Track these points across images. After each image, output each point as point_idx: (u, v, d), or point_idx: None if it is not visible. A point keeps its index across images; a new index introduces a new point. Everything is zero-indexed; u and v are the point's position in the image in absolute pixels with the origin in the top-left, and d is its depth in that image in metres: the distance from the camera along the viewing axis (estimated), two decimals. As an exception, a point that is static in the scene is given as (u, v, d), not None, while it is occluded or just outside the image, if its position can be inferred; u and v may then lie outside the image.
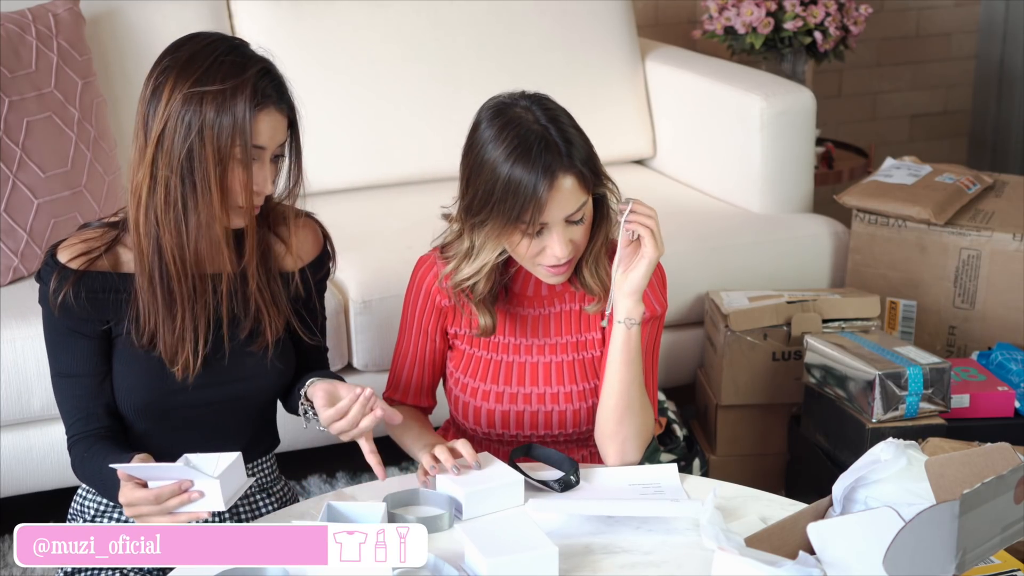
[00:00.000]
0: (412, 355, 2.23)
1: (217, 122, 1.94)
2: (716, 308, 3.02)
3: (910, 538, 1.58)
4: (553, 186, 1.99)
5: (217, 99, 1.94)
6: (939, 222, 3.11)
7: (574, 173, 2.01)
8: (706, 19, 3.88)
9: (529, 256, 2.05)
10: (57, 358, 2.06)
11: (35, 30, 2.95)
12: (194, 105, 1.94)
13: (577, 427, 2.18)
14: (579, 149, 2.02)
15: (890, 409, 2.67)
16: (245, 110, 1.95)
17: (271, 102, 1.98)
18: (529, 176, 1.98)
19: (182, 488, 1.84)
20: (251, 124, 1.96)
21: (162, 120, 1.96)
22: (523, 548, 1.77)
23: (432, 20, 3.48)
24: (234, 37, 2.05)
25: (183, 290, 2.01)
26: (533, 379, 2.18)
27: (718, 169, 3.48)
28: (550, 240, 2.03)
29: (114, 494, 1.97)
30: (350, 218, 3.20)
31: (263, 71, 1.99)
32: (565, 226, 2.03)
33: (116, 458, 1.98)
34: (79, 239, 2.04)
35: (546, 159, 1.99)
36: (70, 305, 2.00)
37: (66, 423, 2.09)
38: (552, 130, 2.01)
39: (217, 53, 1.97)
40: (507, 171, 1.99)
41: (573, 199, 2.01)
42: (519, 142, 1.99)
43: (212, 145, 1.95)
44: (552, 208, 2.00)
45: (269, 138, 1.99)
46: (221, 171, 1.96)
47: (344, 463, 3.12)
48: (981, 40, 4.74)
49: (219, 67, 1.96)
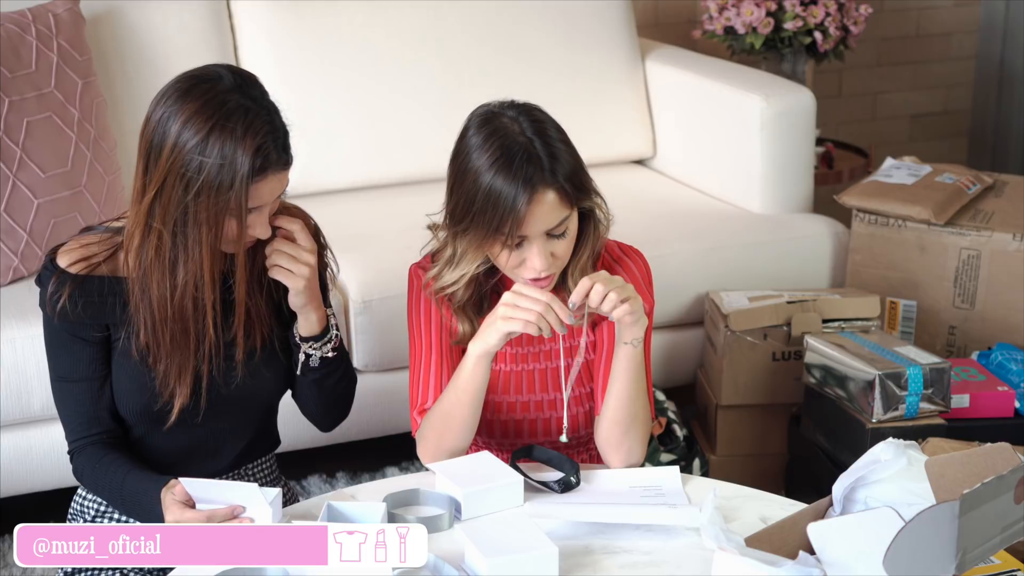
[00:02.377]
0: (437, 352, 2.14)
1: (215, 187, 1.89)
2: (716, 308, 3.02)
3: (910, 538, 1.58)
4: (533, 200, 1.96)
5: (216, 167, 1.89)
6: (939, 222, 3.11)
7: (555, 188, 1.98)
8: (706, 19, 3.88)
9: (510, 267, 2.04)
10: (57, 362, 2.06)
11: (35, 30, 2.95)
12: (194, 168, 1.89)
13: (576, 432, 2.17)
14: (563, 164, 2.00)
15: (890, 409, 2.67)
16: (246, 181, 1.90)
17: (271, 167, 1.93)
18: (509, 188, 1.96)
19: (234, 514, 1.84)
20: (250, 191, 1.91)
21: (162, 173, 1.91)
22: (523, 548, 1.77)
23: (432, 20, 3.48)
24: (240, 76, 1.96)
25: (164, 339, 1.99)
26: (530, 387, 2.17)
27: (718, 169, 3.48)
28: (530, 253, 2.00)
29: (137, 512, 1.98)
30: (350, 218, 3.20)
31: (267, 133, 1.92)
32: (546, 239, 2.00)
33: (137, 477, 1.98)
34: (79, 244, 2.02)
35: (527, 171, 1.96)
36: (69, 310, 1.99)
37: (67, 428, 2.08)
38: (537, 143, 1.99)
39: (224, 111, 1.90)
40: (488, 181, 1.97)
41: (554, 214, 1.99)
42: (502, 152, 1.98)
43: (207, 212, 1.91)
44: (531, 222, 1.98)
45: (269, 196, 1.96)
46: (214, 235, 1.92)
47: (344, 463, 3.12)
48: (981, 40, 4.74)
49: (220, 132, 1.89)
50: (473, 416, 2.07)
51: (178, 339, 1.99)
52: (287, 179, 1.99)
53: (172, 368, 2.00)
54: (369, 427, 3.01)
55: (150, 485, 1.96)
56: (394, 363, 2.94)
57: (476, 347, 2.02)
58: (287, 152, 1.96)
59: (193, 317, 1.98)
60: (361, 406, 2.92)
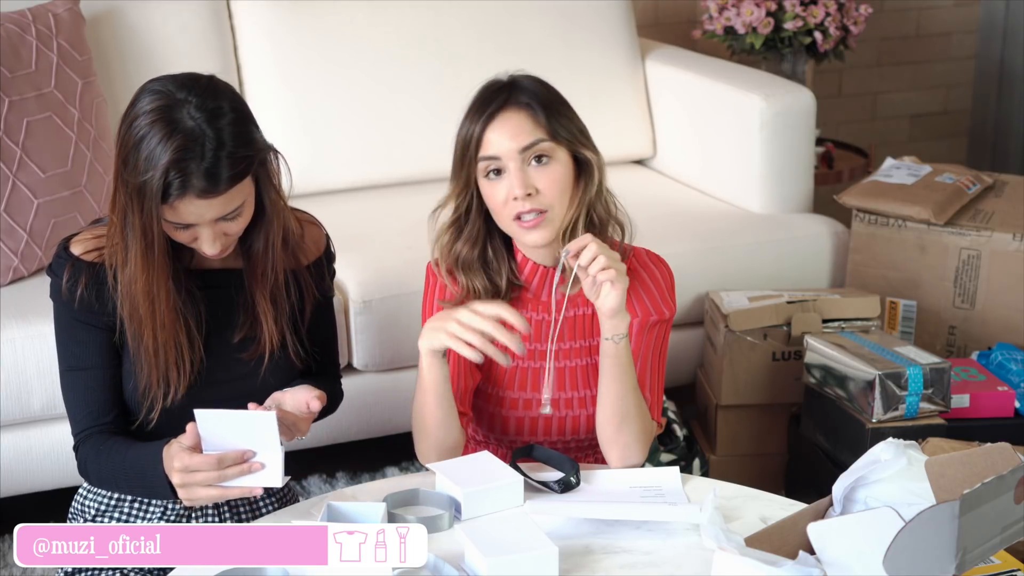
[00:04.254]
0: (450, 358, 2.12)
1: (137, 191, 1.89)
2: (716, 308, 3.02)
3: (910, 538, 1.58)
4: (496, 116, 2.05)
5: (139, 172, 1.89)
6: (939, 222, 3.11)
7: (526, 109, 2.05)
8: (706, 19, 3.88)
9: (499, 205, 2.06)
10: (68, 352, 2.06)
11: (35, 30, 2.95)
12: (122, 189, 1.92)
13: (589, 433, 2.17)
14: (540, 96, 2.07)
15: (890, 409, 2.67)
16: (157, 196, 1.88)
17: (189, 190, 1.88)
18: (477, 112, 2.07)
19: (244, 458, 1.84)
20: (164, 214, 1.90)
21: (113, 185, 1.96)
22: (523, 548, 1.77)
23: (432, 20, 3.48)
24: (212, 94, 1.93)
25: (131, 335, 2.00)
26: (534, 384, 2.16)
27: (718, 169, 3.48)
28: (509, 178, 2.05)
29: (141, 483, 1.98)
30: (350, 218, 3.20)
31: (193, 158, 1.87)
32: (524, 165, 2.05)
33: (139, 447, 1.99)
34: (92, 234, 2.04)
35: (496, 96, 2.07)
36: (83, 296, 2.00)
37: (74, 419, 2.08)
38: (521, 79, 2.09)
39: (168, 120, 1.88)
40: (465, 116, 2.09)
41: (523, 134, 2.04)
42: (482, 90, 2.10)
43: (137, 216, 1.91)
44: (497, 138, 2.04)
45: (197, 217, 1.92)
46: (145, 242, 1.92)
47: (344, 463, 3.12)
48: (981, 40, 4.74)
49: (151, 140, 1.88)
50: (445, 413, 2.07)
51: (142, 337, 1.99)
52: (227, 205, 1.92)
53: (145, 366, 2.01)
54: (369, 427, 3.01)
55: (151, 451, 1.97)
56: (394, 363, 2.94)
57: (422, 344, 2.03)
58: (213, 181, 1.88)
59: (151, 316, 1.98)
60: (361, 406, 2.94)
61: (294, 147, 3.34)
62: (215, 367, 2.07)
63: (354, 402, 2.71)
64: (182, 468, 1.88)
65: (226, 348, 2.07)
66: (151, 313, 1.97)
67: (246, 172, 1.93)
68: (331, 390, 2.20)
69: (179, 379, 2.02)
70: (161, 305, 1.97)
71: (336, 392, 2.25)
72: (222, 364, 2.07)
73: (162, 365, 2.00)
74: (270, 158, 2.01)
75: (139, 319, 1.98)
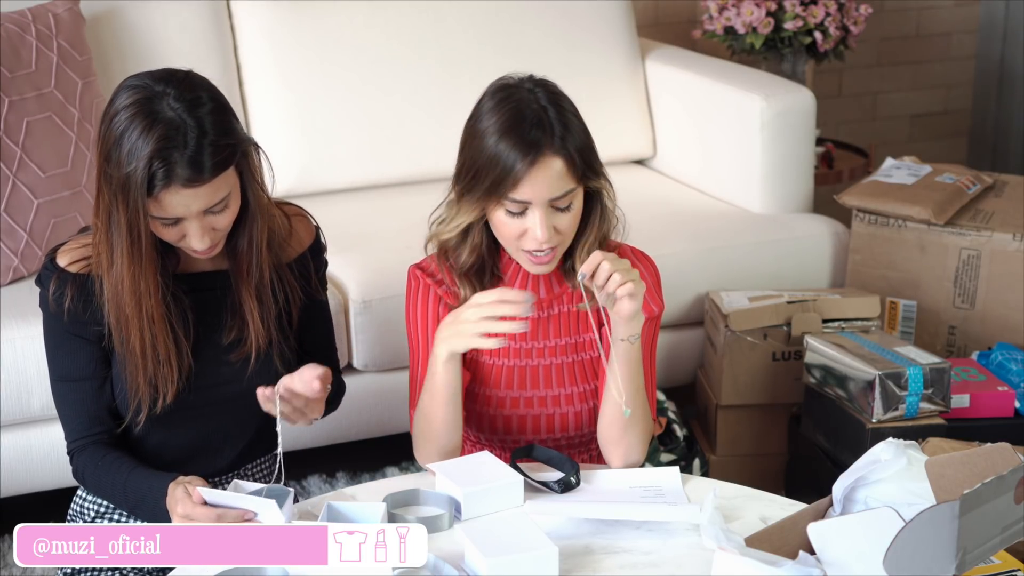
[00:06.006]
0: None
1: (122, 187, 1.89)
2: (716, 308, 3.02)
3: (910, 538, 1.58)
4: (536, 163, 1.98)
5: (121, 166, 1.88)
6: (939, 222, 3.11)
7: (563, 156, 2.00)
8: (706, 19, 3.88)
9: (512, 237, 2.04)
10: (58, 362, 2.06)
11: (35, 30, 2.95)
12: (106, 188, 1.91)
13: (579, 430, 2.17)
14: (575, 136, 2.02)
15: (890, 409, 2.67)
16: (140, 200, 1.88)
17: (174, 180, 1.87)
18: (513, 150, 1.98)
19: (244, 518, 1.84)
20: (151, 209, 1.90)
21: (96, 186, 1.95)
22: (523, 548, 1.77)
23: (432, 20, 3.48)
24: (188, 85, 1.92)
25: (118, 340, 2.00)
26: (534, 383, 2.17)
27: (718, 169, 3.48)
28: (533, 221, 2.01)
29: (141, 510, 1.98)
30: (350, 218, 3.20)
31: (176, 147, 1.86)
32: (549, 210, 2.01)
33: (141, 474, 1.99)
34: (78, 244, 2.03)
35: (535, 135, 1.99)
36: (69, 308, 1.99)
37: (67, 429, 2.08)
38: (551, 111, 2.01)
39: (147, 112, 1.87)
40: (495, 142, 2.00)
41: (559, 183, 2.00)
42: (513, 115, 2.00)
43: (125, 226, 1.91)
44: (532, 185, 1.98)
45: (183, 210, 1.92)
46: (130, 241, 1.92)
47: (344, 463, 3.12)
48: (981, 40, 4.74)
49: (132, 133, 1.87)
50: (452, 416, 2.07)
51: (129, 339, 1.99)
52: (212, 196, 1.92)
53: (132, 369, 2.00)
54: (369, 427, 3.01)
55: (154, 482, 1.96)
56: (394, 363, 2.94)
57: (444, 348, 2.02)
58: (198, 169, 1.88)
59: (139, 314, 1.97)
60: (361, 406, 2.94)
61: (294, 147, 3.34)
62: (203, 371, 2.06)
63: (354, 402, 2.70)
64: (183, 515, 1.87)
65: (215, 351, 2.07)
66: (138, 311, 1.96)
67: (230, 161, 1.93)
68: (334, 378, 2.19)
69: (167, 384, 2.01)
70: (149, 300, 1.96)
71: (339, 381, 2.24)
72: (211, 368, 2.07)
73: (150, 368, 2.00)
74: (252, 153, 2.00)
75: (126, 320, 1.97)
